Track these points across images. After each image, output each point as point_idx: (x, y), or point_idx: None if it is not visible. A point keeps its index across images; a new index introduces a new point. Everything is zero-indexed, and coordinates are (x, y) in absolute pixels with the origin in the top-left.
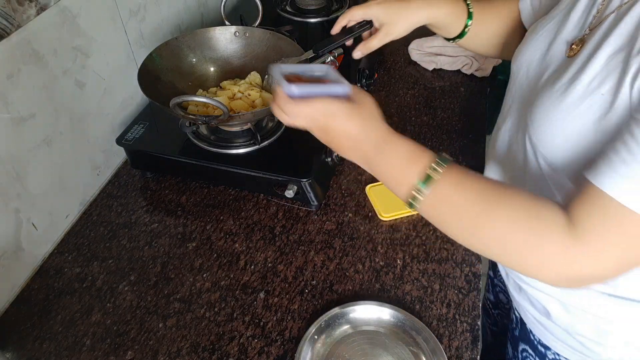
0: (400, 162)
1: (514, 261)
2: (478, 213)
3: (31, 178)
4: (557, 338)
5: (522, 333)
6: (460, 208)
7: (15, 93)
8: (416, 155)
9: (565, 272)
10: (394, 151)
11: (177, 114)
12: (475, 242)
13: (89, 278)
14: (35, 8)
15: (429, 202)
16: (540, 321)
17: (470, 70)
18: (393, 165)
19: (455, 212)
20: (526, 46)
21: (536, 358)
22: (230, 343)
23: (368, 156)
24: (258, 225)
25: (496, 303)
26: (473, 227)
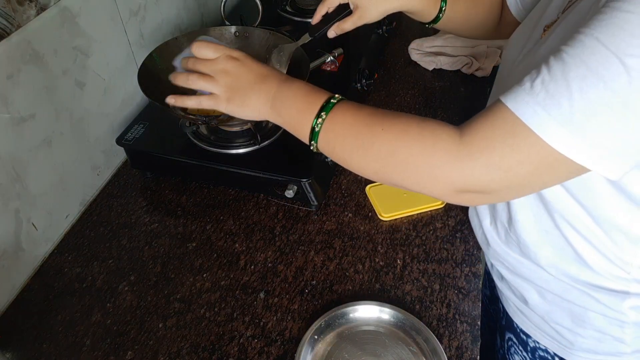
0: (304, 95)
1: (408, 173)
2: (370, 129)
3: (31, 178)
4: (535, 326)
5: (507, 322)
6: (354, 127)
7: (15, 93)
8: (317, 90)
9: (453, 180)
10: (298, 87)
11: (177, 114)
12: (370, 160)
13: (89, 278)
14: (35, 8)
15: (328, 126)
16: (520, 309)
17: (470, 70)
18: (297, 98)
19: (350, 131)
20: (514, 34)
21: (519, 346)
22: (230, 343)
23: (272, 91)
24: (258, 225)
25: (491, 297)
26: (368, 141)
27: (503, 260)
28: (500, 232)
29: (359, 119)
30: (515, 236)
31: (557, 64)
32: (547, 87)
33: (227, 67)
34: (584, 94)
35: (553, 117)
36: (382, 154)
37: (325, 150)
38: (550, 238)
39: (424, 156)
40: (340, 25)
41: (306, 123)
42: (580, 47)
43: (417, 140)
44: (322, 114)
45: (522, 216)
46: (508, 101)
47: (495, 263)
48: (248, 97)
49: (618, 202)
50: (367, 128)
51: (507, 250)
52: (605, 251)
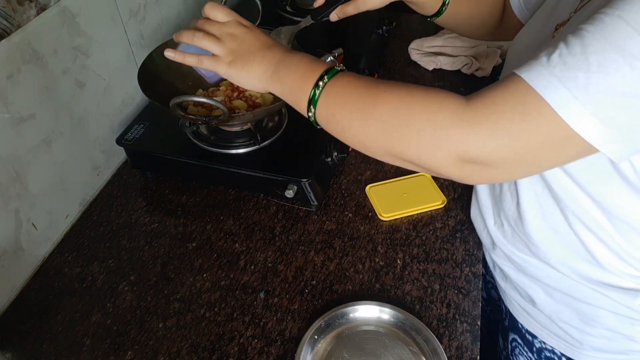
0: (308, 62)
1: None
2: (373, 92)
3: (31, 178)
4: (542, 326)
5: (511, 323)
6: (357, 90)
7: (15, 93)
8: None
9: (456, 143)
10: (301, 56)
11: (177, 114)
12: (371, 123)
13: (89, 278)
14: (35, 8)
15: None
16: (525, 309)
17: (470, 70)
18: (300, 64)
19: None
20: (520, 33)
21: (524, 347)
22: (230, 343)
23: (276, 59)
24: (258, 225)
25: (488, 299)
26: (368, 104)
27: (509, 260)
28: (506, 231)
29: (362, 84)
30: (524, 235)
31: (576, 39)
32: (564, 59)
33: (235, 32)
34: (602, 68)
35: (568, 88)
36: (383, 115)
37: (323, 117)
38: (560, 236)
39: (427, 117)
40: (342, 8)
41: (307, 87)
42: (600, 25)
43: (421, 101)
44: (325, 77)
45: (531, 214)
46: (522, 72)
47: (500, 263)
48: (250, 62)
49: (631, 199)
50: (369, 91)
51: (514, 249)
52: (616, 249)
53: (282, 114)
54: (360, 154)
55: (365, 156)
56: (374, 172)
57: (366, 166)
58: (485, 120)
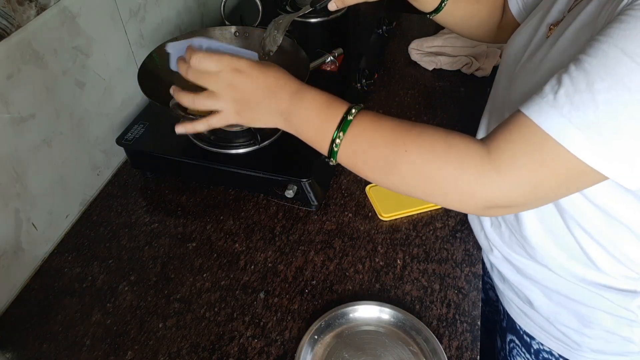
0: (319, 109)
1: (434, 192)
2: (394, 148)
3: (31, 178)
4: (539, 327)
5: (509, 324)
6: (376, 144)
7: (15, 93)
8: (334, 102)
9: (482, 197)
10: (312, 99)
11: (177, 114)
12: (395, 179)
13: (89, 278)
14: (35, 8)
15: (347, 144)
16: (523, 310)
17: (470, 70)
18: (311, 114)
19: (372, 150)
20: (516, 34)
21: (522, 348)
22: (230, 343)
23: (284, 106)
24: (258, 225)
25: (487, 300)
26: (391, 162)
27: (507, 262)
28: (504, 233)
29: (380, 138)
30: (521, 237)
31: (580, 75)
32: (571, 99)
33: (233, 82)
34: (610, 106)
35: (580, 129)
36: (406, 177)
37: (346, 166)
38: (558, 239)
39: (452, 176)
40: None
41: (324, 141)
42: (603, 58)
43: (443, 160)
44: (340, 133)
45: (529, 217)
46: (531, 114)
47: (497, 265)
48: (259, 112)
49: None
50: (389, 149)
51: (511, 252)
52: (614, 252)
53: None
54: None
55: None
56: None
57: None
58: (508, 173)
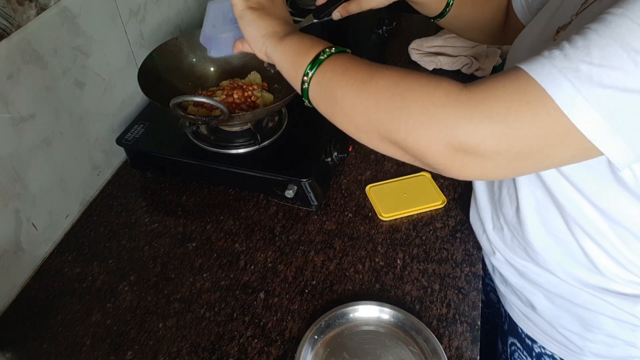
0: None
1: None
2: (374, 67)
3: (31, 178)
4: (542, 331)
5: (510, 327)
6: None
7: (15, 93)
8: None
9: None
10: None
11: (177, 114)
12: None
13: (89, 278)
14: (35, 8)
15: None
16: (525, 314)
17: (470, 70)
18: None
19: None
20: (521, 36)
21: (524, 352)
22: (230, 343)
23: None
24: (258, 225)
25: (487, 302)
26: (365, 76)
27: (509, 265)
28: (506, 236)
29: (364, 61)
30: (523, 240)
31: (579, 36)
32: (566, 52)
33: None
34: (605, 61)
35: (569, 80)
36: (379, 87)
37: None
38: (560, 242)
39: (422, 93)
40: (345, 7)
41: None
42: (605, 22)
43: (419, 79)
44: (327, 49)
45: (531, 220)
46: (523, 64)
47: (499, 268)
48: (266, 19)
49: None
50: (370, 66)
51: (513, 255)
52: (617, 256)
53: (282, 114)
54: (360, 154)
55: (366, 156)
56: (374, 172)
57: (366, 166)
58: (481, 104)
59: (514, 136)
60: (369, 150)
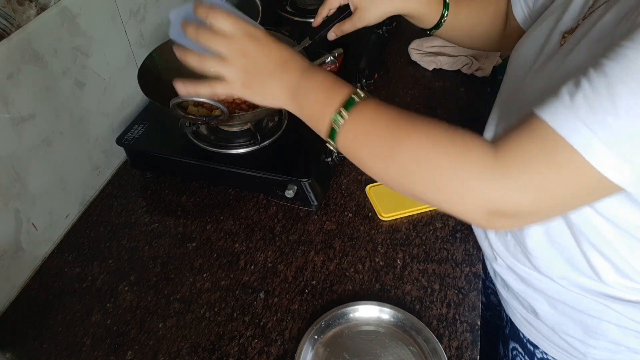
0: (327, 87)
1: (435, 187)
2: (394, 134)
3: (31, 178)
4: (544, 337)
5: (512, 331)
6: (378, 129)
7: (15, 93)
8: (341, 83)
9: (485, 198)
10: (320, 78)
11: (177, 114)
12: (393, 172)
13: (89, 278)
14: (35, 8)
15: (348, 125)
16: (527, 319)
17: (470, 70)
18: (319, 91)
19: (374, 134)
20: (524, 40)
21: (525, 357)
22: (230, 343)
23: (294, 80)
24: (258, 225)
25: (488, 305)
26: (391, 147)
27: (511, 270)
28: (509, 243)
29: (383, 123)
30: (525, 248)
31: (599, 77)
32: (590, 102)
33: (246, 48)
34: (632, 112)
35: (599, 137)
36: (406, 164)
37: (344, 152)
38: (562, 251)
39: (454, 169)
40: (340, 26)
41: (325, 120)
42: (625, 62)
43: (447, 150)
44: (343, 112)
45: (534, 228)
46: (546, 115)
47: (501, 273)
48: (267, 84)
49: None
50: (390, 133)
51: (515, 261)
52: (621, 264)
53: (282, 114)
54: None
55: None
56: None
57: None
58: (516, 175)
59: (551, 198)
60: None
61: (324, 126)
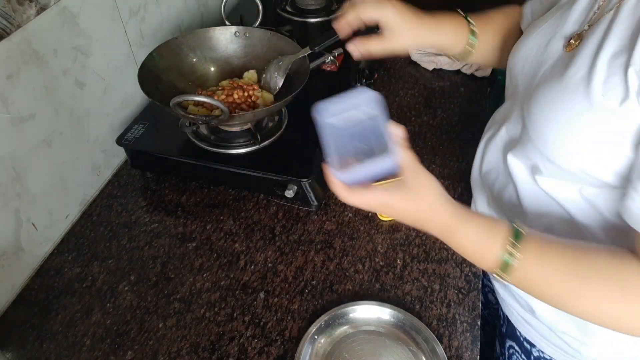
0: (473, 247)
1: (610, 326)
2: (566, 290)
3: (31, 178)
4: (541, 335)
5: (509, 330)
6: (546, 286)
7: (15, 93)
8: (488, 242)
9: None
10: (464, 238)
11: (177, 114)
12: (569, 311)
13: (89, 278)
14: (35, 8)
15: (514, 281)
16: (524, 318)
17: (470, 70)
18: (466, 249)
19: (542, 289)
20: (523, 44)
21: (522, 355)
22: (230, 343)
23: (441, 227)
24: (258, 225)
25: (486, 303)
26: (564, 301)
27: None
28: None
29: (550, 277)
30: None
31: None
32: None
33: (385, 210)
34: None
35: None
36: (583, 315)
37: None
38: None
39: (632, 314)
40: (365, 44)
41: (490, 269)
42: None
43: (622, 302)
44: (504, 274)
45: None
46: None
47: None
48: (415, 224)
49: None
50: (561, 291)
51: None
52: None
53: (282, 114)
54: None
55: None
56: None
57: None
58: None
59: None
60: None
61: (484, 266)
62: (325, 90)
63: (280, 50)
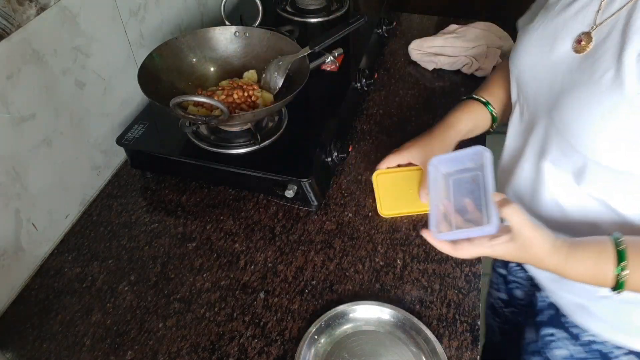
0: (590, 279)
1: None
2: None
3: (31, 178)
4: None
5: (551, 318)
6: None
7: (15, 93)
8: (601, 272)
9: None
10: (579, 275)
11: (177, 114)
12: None
13: (89, 278)
14: (35, 8)
15: (628, 289)
16: (583, 305)
17: (470, 70)
18: (583, 281)
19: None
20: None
21: (564, 341)
22: (230, 343)
23: (553, 272)
24: (258, 225)
25: (509, 301)
26: None
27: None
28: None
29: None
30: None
31: None
32: None
33: (498, 256)
34: None
35: None
36: None
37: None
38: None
39: None
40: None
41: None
42: None
43: None
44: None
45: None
46: None
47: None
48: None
49: None
50: None
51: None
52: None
53: (282, 114)
54: (360, 154)
55: (366, 156)
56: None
57: (366, 166)
58: None
59: None
60: (369, 150)
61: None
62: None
63: (280, 50)
